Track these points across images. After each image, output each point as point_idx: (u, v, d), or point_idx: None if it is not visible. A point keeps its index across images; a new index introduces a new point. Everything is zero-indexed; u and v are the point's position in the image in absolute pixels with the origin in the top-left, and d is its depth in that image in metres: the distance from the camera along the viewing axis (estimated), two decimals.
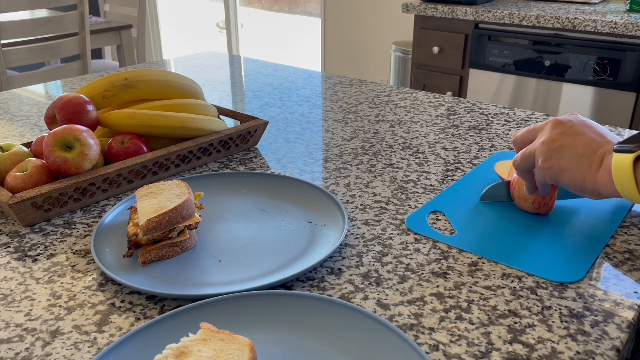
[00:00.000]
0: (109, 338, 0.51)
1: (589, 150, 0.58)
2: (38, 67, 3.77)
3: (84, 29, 2.51)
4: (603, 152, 0.57)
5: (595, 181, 0.57)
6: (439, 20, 2.33)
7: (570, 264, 0.61)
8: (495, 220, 0.70)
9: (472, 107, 1.15)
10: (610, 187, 0.55)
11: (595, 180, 0.57)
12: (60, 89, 1.33)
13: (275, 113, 1.13)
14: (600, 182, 0.56)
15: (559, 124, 0.61)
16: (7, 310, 0.55)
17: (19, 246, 0.66)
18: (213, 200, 0.75)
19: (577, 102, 2.07)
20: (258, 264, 0.61)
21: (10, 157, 0.76)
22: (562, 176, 0.59)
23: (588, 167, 0.57)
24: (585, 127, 0.60)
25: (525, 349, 0.49)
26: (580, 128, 0.60)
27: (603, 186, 0.56)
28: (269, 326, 0.51)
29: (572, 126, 0.60)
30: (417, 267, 0.61)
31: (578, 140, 0.59)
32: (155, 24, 4.80)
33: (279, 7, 4.43)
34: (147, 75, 0.89)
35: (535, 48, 2.10)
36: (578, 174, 0.58)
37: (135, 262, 0.61)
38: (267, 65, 1.52)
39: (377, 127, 1.04)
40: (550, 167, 0.60)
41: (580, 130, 0.59)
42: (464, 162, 0.88)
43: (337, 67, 3.69)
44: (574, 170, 0.58)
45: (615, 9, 2.11)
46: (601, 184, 0.56)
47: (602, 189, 0.56)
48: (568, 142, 0.59)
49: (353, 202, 0.75)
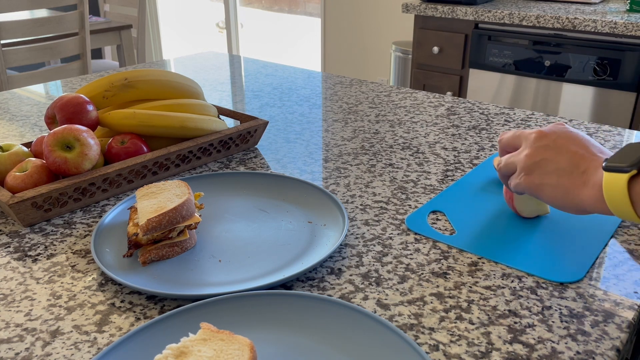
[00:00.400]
0: (109, 338, 0.51)
1: (571, 166, 0.56)
2: (38, 67, 3.77)
3: (84, 29, 2.51)
4: (586, 168, 0.55)
5: (580, 198, 0.55)
6: (439, 20, 2.33)
7: (570, 264, 0.61)
8: (495, 220, 0.70)
9: (472, 107, 1.15)
10: (598, 205, 0.53)
11: (580, 198, 0.55)
12: (60, 89, 1.33)
13: (275, 113, 1.13)
14: (586, 200, 0.54)
15: (543, 137, 0.59)
16: (7, 310, 0.55)
17: (19, 246, 0.66)
18: (213, 200, 0.75)
19: (577, 102, 2.07)
20: (258, 264, 0.61)
21: (10, 157, 0.76)
22: (544, 191, 0.58)
23: (571, 184, 0.56)
24: (569, 140, 0.58)
25: (525, 349, 0.49)
26: (563, 142, 0.58)
27: (589, 204, 0.54)
28: (269, 326, 0.51)
29: (556, 139, 0.58)
30: (417, 267, 0.61)
31: (560, 154, 0.57)
32: (155, 24, 4.80)
33: (279, 7, 4.43)
34: (147, 75, 0.89)
35: (535, 48, 2.10)
36: (560, 189, 0.57)
37: (135, 262, 0.61)
38: (267, 65, 1.53)
39: (377, 127, 1.04)
40: (531, 182, 0.59)
41: (563, 144, 0.58)
42: (464, 162, 0.88)
43: (337, 67, 3.69)
44: (555, 186, 0.57)
45: (615, 9, 2.11)
46: (587, 202, 0.54)
47: (588, 206, 0.55)
48: (550, 156, 0.58)
49: (353, 202, 0.75)
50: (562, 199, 0.57)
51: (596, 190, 0.53)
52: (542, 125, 1.04)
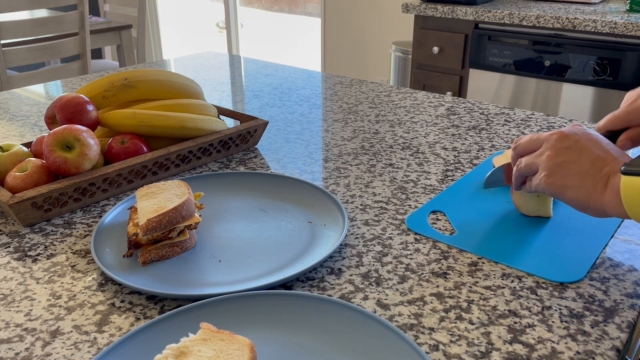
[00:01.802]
0: (109, 338, 0.51)
1: (593, 169, 0.56)
2: (38, 67, 3.77)
3: (84, 29, 2.51)
4: (609, 171, 0.55)
5: (602, 202, 0.55)
6: (439, 20, 2.33)
7: (570, 264, 0.61)
8: (495, 220, 0.70)
9: (472, 107, 1.15)
10: (618, 209, 0.53)
11: (602, 201, 0.55)
12: (60, 89, 1.33)
13: (275, 113, 1.13)
14: (607, 203, 0.55)
15: (565, 138, 0.59)
16: (7, 310, 0.55)
17: (19, 246, 0.66)
18: (213, 200, 0.75)
19: (577, 102, 2.07)
20: (258, 264, 0.61)
21: (10, 157, 0.76)
22: (566, 193, 0.58)
23: (593, 186, 0.56)
24: (590, 142, 0.58)
25: (525, 349, 0.49)
26: (585, 143, 0.58)
27: (610, 207, 0.54)
28: (269, 326, 0.51)
29: (577, 140, 0.58)
30: (417, 267, 0.61)
31: (583, 156, 0.57)
32: (155, 24, 4.80)
33: (279, 7, 4.43)
34: (147, 75, 0.89)
35: (535, 48, 2.10)
36: (583, 192, 0.57)
37: (135, 262, 0.61)
38: (267, 65, 1.52)
39: (377, 127, 1.04)
40: (553, 183, 0.59)
41: (585, 145, 0.58)
42: (464, 162, 0.88)
43: (337, 67, 3.69)
44: (578, 188, 0.57)
45: (615, 9, 2.11)
46: (608, 205, 0.55)
47: (609, 210, 0.55)
48: (573, 158, 0.58)
49: (353, 202, 0.75)
50: (585, 202, 0.57)
51: (616, 194, 0.53)
52: (542, 125, 1.04)
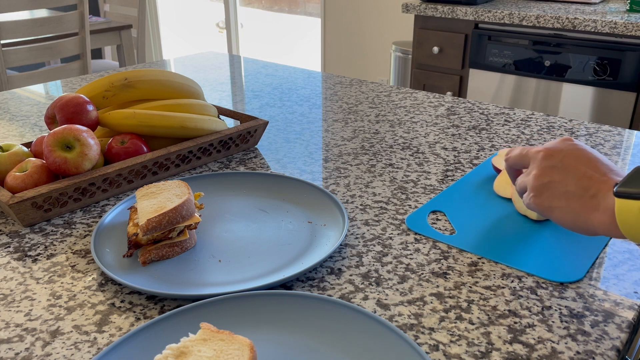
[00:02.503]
0: (109, 338, 0.51)
1: (580, 189, 0.55)
2: (38, 67, 3.77)
3: (84, 29, 2.51)
4: (596, 192, 0.54)
5: (592, 222, 0.54)
6: (439, 20, 2.33)
7: (570, 264, 0.61)
8: (495, 220, 0.70)
9: (472, 107, 1.15)
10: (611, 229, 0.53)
11: (592, 222, 0.54)
12: (60, 89, 1.33)
13: (275, 113, 1.13)
14: (598, 225, 0.54)
15: (549, 156, 0.58)
16: (7, 310, 0.55)
17: (19, 246, 0.66)
18: (213, 200, 0.75)
19: (577, 102, 2.07)
20: (258, 264, 0.61)
21: (10, 157, 0.76)
22: (553, 213, 0.57)
23: (580, 207, 0.55)
24: (576, 159, 0.57)
25: (525, 349, 0.49)
26: (570, 161, 0.57)
27: (602, 229, 0.54)
28: (269, 326, 0.51)
29: (563, 158, 0.57)
30: (417, 267, 0.61)
31: (569, 176, 0.56)
32: (155, 24, 4.80)
33: (279, 7, 4.43)
34: (147, 75, 0.89)
35: (535, 48, 2.10)
36: (569, 213, 0.56)
37: (135, 262, 0.61)
38: (267, 65, 1.53)
39: (377, 127, 1.04)
40: (541, 204, 0.58)
41: (570, 164, 0.57)
42: (464, 162, 0.88)
43: (337, 67, 3.69)
44: (564, 209, 0.56)
45: (615, 9, 2.11)
46: (599, 227, 0.54)
47: (599, 230, 0.54)
48: (558, 177, 0.57)
49: (353, 202, 0.75)
50: (573, 223, 0.56)
51: (608, 215, 0.52)
52: (542, 125, 1.04)
